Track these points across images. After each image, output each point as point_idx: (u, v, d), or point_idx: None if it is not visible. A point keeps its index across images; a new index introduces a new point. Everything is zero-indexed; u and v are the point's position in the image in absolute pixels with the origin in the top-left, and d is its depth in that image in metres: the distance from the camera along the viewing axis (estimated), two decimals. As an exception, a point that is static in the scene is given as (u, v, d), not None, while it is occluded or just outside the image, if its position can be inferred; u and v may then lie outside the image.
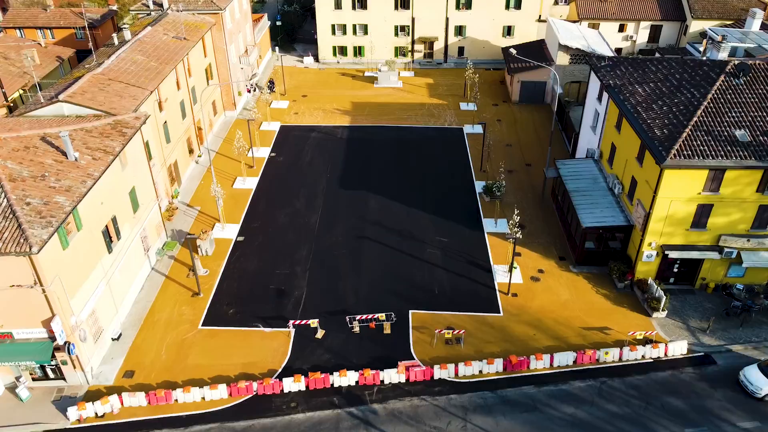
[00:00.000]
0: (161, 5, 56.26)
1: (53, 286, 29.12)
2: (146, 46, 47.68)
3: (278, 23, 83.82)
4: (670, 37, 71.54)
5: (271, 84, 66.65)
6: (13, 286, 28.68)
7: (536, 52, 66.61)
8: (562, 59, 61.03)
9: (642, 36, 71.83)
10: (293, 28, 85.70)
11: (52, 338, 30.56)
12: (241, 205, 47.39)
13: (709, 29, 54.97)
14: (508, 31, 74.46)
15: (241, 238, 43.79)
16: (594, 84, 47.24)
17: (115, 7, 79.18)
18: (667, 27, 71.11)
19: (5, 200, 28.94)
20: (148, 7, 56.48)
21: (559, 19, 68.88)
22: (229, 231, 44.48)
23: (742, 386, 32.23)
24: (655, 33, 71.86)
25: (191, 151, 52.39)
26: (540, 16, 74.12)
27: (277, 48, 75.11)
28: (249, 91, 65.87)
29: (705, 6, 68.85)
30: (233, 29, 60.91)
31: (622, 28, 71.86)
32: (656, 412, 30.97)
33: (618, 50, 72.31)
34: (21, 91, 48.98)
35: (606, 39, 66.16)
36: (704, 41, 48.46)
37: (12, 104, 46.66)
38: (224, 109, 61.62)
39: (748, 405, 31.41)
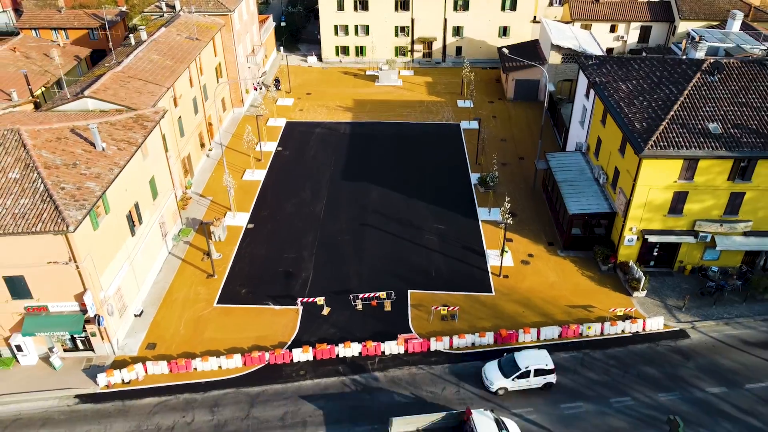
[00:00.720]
0: (174, 7, 59.32)
1: (85, 263, 32.17)
2: (161, 46, 50.74)
3: (282, 24, 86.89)
4: (660, 38, 74.48)
5: (277, 82, 69.70)
6: (50, 262, 31.73)
7: (530, 51, 69.65)
8: (555, 58, 64.06)
9: (632, 36, 74.76)
10: (297, 29, 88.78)
11: (83, 311, 33.60)
12: (250, 195, 50.45)
13: (692, 30, 58.01)
14: (504, 31, 77.50)
15: (251, 226, 46.84)
16: (582, 81, 50.25)
17: (124, 8, 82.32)
18: (657, 27, 74.04)
19: (42, 185, 31.99)
20: (161, 9, 59.52)
21: (552, 20, 71.85)
22: (239, 219, 47.52)
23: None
24: (645, 33, 74.78)
25: (203, 145, 55.46)
26: (534, 17, 77.16)
27: (281, 48, 78.15)
28: (256, 89, 68.92)
29: (692, 7, 71.81)
30: (241, 30, 63.97)
31: (613, 29, 74.75)
32: (633, 380, 33.98)
33: (609, 50, 75.25)
34: (42, 88, 51.98)
35: (597, 39, 69.19)
36: (684, 41, 51.42)
37: (37, 100, 49.62)
38: (233, 105, 64.69)
39: (719, 373, 34.40)
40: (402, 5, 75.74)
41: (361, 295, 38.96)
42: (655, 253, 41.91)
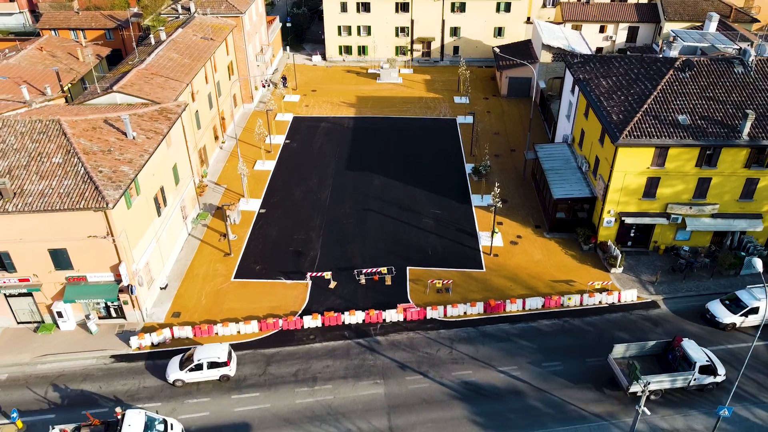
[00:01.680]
0: (189, 9, 63.49)
1: (120, 238, 36.33)
2: (179, 45, 54.92)
3: (288, 25, 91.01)
4: (646, 38, 78.56)
5: (284, 80, 73.85)
6: (90, 236, 35.89)
7: (523, 51, 73.78)
8: (545, 57, 68.17)
9: (621, 36, 78.86)
10: (302, 29, 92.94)
11: (118, 281, 37.76)
12: (261, 183, 54.62)
13: (672, 31, 62.04)
14: (499, 32, 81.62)
15: (263, 210, 51.00)
16: (568, 79, 54.35)
17: (135, 9, 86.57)
18: (644, 28, 78.13)
19: (83, 168, 36.14)
20: (177, 10, 63.68)
21: (543, 21, 75.95)
22: (252, 204, 51.67)
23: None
24: (632, 34, 78.86)
25: (216, 138, 59.62)
26: (528, 18, 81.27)
27: (287, 47, 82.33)
28: (264, 86, 73.08)
29: (677, 9, 75.94)
30: (251, 30, 68.14)
31: (602, 29, 78.84)
32: (607, 343, 38.06)
33: (599, 49, 79.37)
34: (69, 84, 56.14)
35: (586, 39, 73.39)
36: (661, 41, 55.49)
37: (67, 95, 53.73)
38: (243, 101, 68.85)
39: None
40: (402, 7, 79.89)
41: (364, 271, 43.09)
42: (632, 234, 46.01)
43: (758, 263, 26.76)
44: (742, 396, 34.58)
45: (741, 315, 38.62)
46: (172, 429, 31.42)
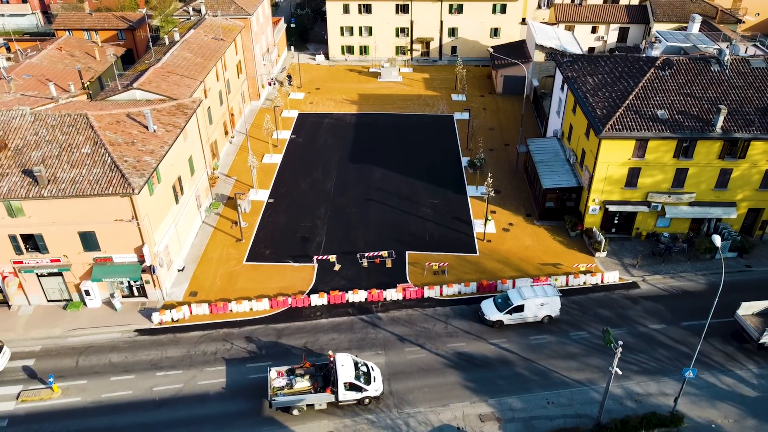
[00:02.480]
0: (199, 11, 66.91)
1: (144, 222, 39.75)
2: (192, 45, 58.33)
3: (292, 25, 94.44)
4: (636, 38, 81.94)
5: (289, 78, 77.28)
6: (117, 220, 39.32)
7: (518, 50, 77.16)
8: (539, 57, 71.54)
9: (612, 37, 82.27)
10: (306, 30, 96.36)
11: (141, 262, 41.19)
12: (269, 175, 58.04)
13: (656, 31, 65.42)
14: (495, 32, 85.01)
15: (271, 200, 54.41)
16: (558, 76, 57.72)
17: (144, 10, 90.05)
18: (634, 29, 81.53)
19: (109, 158, 39.54)
20: (188, 12, 67.09)
21: (537, 22, 79.35)
22: (261, 195, 55.09)
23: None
24: (623, 34, 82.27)
25: (226, 133, 63.04)
26: (523, 19, 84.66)
27: (292, 47, 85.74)
28: (270, 84, 76.51)
29: (665, 11, 79.32)
30: (258, 31, 71.54)
31: (594, 30, 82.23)
32: (589, 318, 41.51)
33: (591, 49, 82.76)
34: (88, 82, 59.57)
35: (578, 39, 76.73)
36: (643, 41, 58.86)
37: (89, 92, 57.22)
38: (250, 99, 72.26)
39: (661, 314, 41.91)
40: (402, 8, 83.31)
41: (366, 254, 46.50)
42: (616, 221, 49.38)
43: (717, 239, 30.12)
44: (710, 365, 37.97)
45: (506, 313, 40.22)
46: (373, 370, 35.74)
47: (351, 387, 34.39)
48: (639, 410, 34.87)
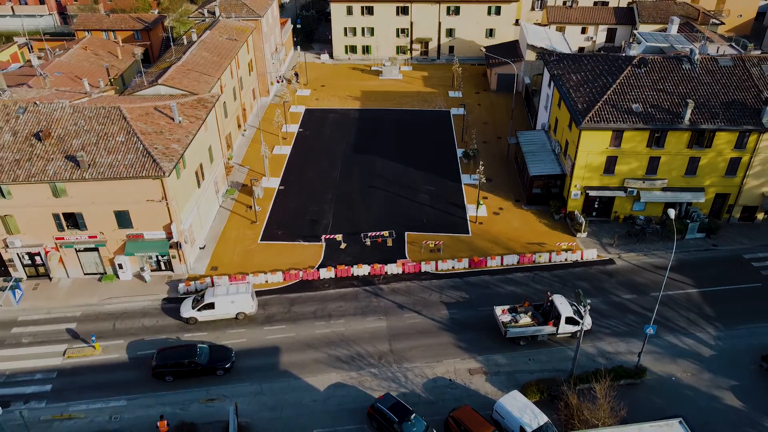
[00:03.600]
0: (213, 13, 71.89)
1: (172, 202, 44.73)
2: (208, 45, 63.32)
3: (298, 26, 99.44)
4: (623, 38, 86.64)
5: (296, 76, 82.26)
6: (148, 200, 44.29)
7: (511, 50, 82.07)
8: (530, 56, 76.46)
9: (600, 37, 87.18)
10: (311, 30, 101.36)
11: (169, 238, 46.15)
12: (280, 165, 63.05)
13: (638, 32, 70.32)
14: (490, 33, 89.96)
15: (282, 187, 59.40)
16: (546, 74, 62.63)
17: (156, 11, 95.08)
18: (621, 30, 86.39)
19: (141, 145, 44.50)
20: (204, 14, 72.10)
21: (529, 23, 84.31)
22: (273, 182, 60.08)
23: None
24: (611, 35, 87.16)
25: (239, 126, 68.02)
26: (517, 20, 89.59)
27: (298, 46, 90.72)
28: (278, 82, 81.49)
29: (650, 13, 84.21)
30: (268, 32, 76.51)
31: (584, 31, 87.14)
32: (569, 290, 46.40)
33: (581, 49, 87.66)
34: (112, 79, 64.57)
35: (568, 39, 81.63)
36: (623, 42, 63.76)
37: (116, 88, 62.17)
38: (260, 95, 77.24)
39: (633, 286, 46.83)
40: (402, 10, 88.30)
41: (369, 234, 51.47)
42: (596, 206, 54.29)
43: (671, 212, 35.07)
44: (674, 329, 42.93)
45: (198, 310, 42.58)
46: (586, 308, 38.55)
47: (569, 321, 41.12)
48: (608, 366, 39.77)
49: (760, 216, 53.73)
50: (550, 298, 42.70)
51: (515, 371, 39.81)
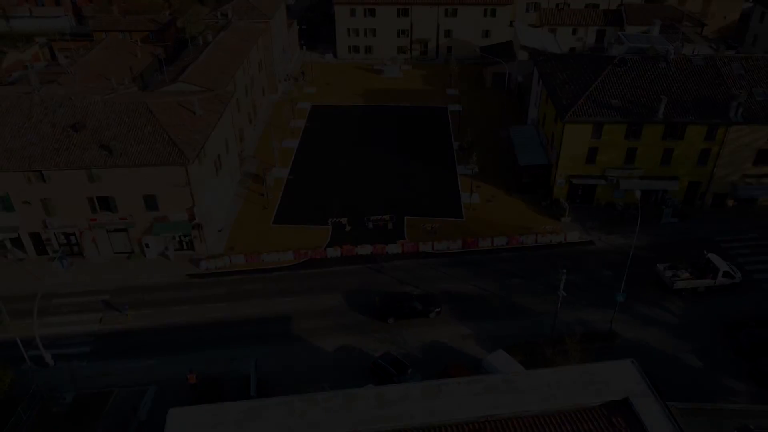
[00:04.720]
0: (226, 15, 76.86)
1: (194, 187, 49.70)
2: (223, 45, 68.27)
3: (304, 27, 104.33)
4: (612, 39, 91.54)
5: (303, 74, 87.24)
6: (174, 185, 49.27)
7: (506, 50, 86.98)
8: (523, 56, 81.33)
9: (591, 38, 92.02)
10: (316, 31, 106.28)
11: (191, 220, 51.11)
12: (289, 156, 68.06)
13: (621, 34, 75.19)
14: (486, 33, 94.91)
15: (291, 176, 64.38)
16: (536, 73, 67.52)
17: (168, 13, 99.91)
18: (610, 31, 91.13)
19: (167, 136, 49.45)
20: (217, 17, 77.09)
21: (523, 25, 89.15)
22: (282, 172, 65.07)
23: None
24: (600, 36, 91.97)
25: (250, 121, 73.00)
26: (511, 22, 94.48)
27: (304, 46, 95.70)
28: (286, 80, 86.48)
29: (637, 15, 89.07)
30: (276, 33, 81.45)
31: (575, 32, 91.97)
32: (553, 267, 51.27)
33: (572, 49, 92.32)
34: (133, 77, 69.51)
35: (559, 40, 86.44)
36: (606, 43, 68.63)
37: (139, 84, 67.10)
38: (269, 92, 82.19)
39: (608, 263, 51.70)
40: (402, 12, 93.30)
41: (372, 218, 56.43)
42: (579, 193, 59.19)
43: (638, 193, 40.07)
44: (646, 300, 47.83)
45: None
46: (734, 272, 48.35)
47: (724, 275, 47.72)
48: (584, 331, 44.71)
49: (730, 202, 58.61)
50: (707, 256, 48.84)
51: (501, 336, 44.74)
